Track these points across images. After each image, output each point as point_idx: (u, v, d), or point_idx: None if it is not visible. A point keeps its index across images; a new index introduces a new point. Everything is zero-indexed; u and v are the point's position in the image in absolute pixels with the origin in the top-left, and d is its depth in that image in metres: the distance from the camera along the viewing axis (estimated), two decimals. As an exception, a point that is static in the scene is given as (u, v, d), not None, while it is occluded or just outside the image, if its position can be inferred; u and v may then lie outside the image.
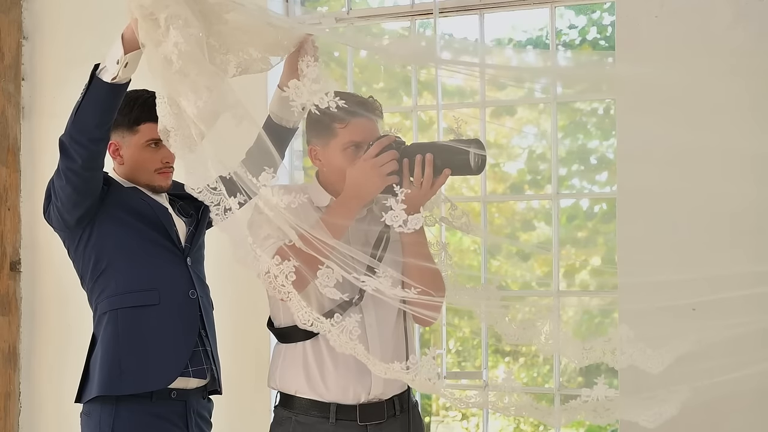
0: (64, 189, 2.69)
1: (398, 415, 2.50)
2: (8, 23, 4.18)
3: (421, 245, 2.40)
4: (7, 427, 4.10)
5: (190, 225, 2.94)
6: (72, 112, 2.57)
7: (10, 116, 4.17)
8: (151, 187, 2.90)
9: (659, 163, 3.32)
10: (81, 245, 2.82)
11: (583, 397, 2.21)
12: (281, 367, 2.49)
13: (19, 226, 4.17)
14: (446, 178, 2.32)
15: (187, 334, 2.83)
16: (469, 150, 2.30)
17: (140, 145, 2.86)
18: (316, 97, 2.25)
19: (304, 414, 2.44)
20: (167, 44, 2.17)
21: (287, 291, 2.22)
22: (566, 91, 3.75)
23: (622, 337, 2.18)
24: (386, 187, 2.32)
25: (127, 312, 2.79)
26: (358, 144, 2.35)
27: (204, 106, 2.17)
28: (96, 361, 2.80)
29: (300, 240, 2.21)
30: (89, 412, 2.81)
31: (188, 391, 2.84)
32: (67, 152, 2.62)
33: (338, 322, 2.21)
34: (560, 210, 3.85)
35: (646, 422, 2.16)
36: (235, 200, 2.19)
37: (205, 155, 2.20)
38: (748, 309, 2.87)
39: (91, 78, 2.49)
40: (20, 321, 4.17)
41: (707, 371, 2.65)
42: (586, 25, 6.04)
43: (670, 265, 3.30)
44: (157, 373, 2.77)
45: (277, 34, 2.42)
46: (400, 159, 2.31)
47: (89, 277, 2.85)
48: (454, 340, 6.82)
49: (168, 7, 2.17)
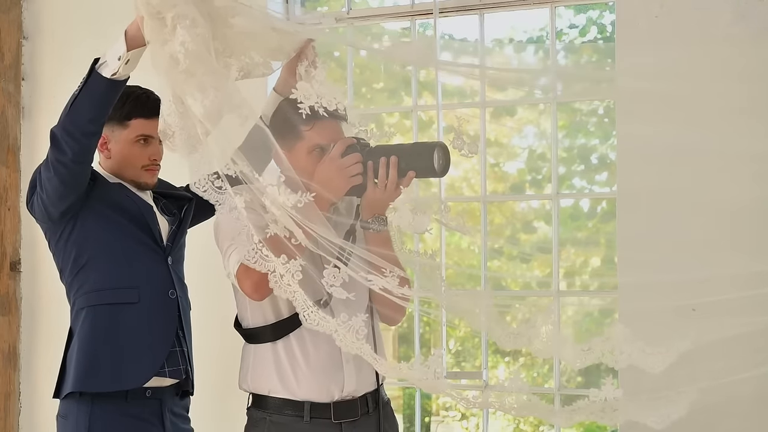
0: (51, 181, 2.66)
1: (371, 412, 2.50)
2: (8, 23, 4.18)
3: (387, 243, 2.41)
4: (7, 427, 4.10)
5: (172, 224, 2.92)
6: (67, 105, 2.56)
7: (10, 116, 4.17)
8: (137, 184, 2.88)
9: (659, 163, 3.32)
10: (62, 239, 2.80)
11: (591, 397, 2.20)
12: (252, 368, 2.48)
13: (19, 226, 4.17)
14: (410, 180, 2.33)
15: (165, 334, 2.81)
16: (434, 152, 2.31)
17: (129, 141, 2.84)
18: (325, 100, 2.25)
19: (278, 414, 2.43)
20: (174, 43, 2.17)
21: (293, 291, 2.21)
22: (566, 91, 3.75)
23: (619, 337, 2.17)
24: (352, 188, 2.34)
25: (106, 309, 2.77)
26: (324, 147, 2.36)
27: (211, 105, 2.17)
28: (72, 356, 2.78)
29: (307, 239, 2.21)
30: (65, 414, 2.79)
31: (163, 389, 2.82)
32: (58, 144, 2.59)
33: (345, 322, 2.21)
34: (560, 210, 3.85)
35: (653, 423, 2.15)
36: (240, 199, 2.19)
37: (210, 154, 2.20)
38: (749, 309, 2.87)
39: (90, 72, 2.48)
40: (20, 321, 4.18)
41: (711, 372, 2.65)
42: (586, 25, 6.04)
43: (670, 265, 3.30)
44: (133, 372, 2.74)
45: (280, 39, 2.43)
46: (364, 161, 2.33)
47: (69, 272, 2.83)
48: (454, 340, 6.82)
49: (175, 6, 2.17)
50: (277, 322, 2.43)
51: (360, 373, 2.46)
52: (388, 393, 2.62)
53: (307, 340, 2.42)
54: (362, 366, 2.43)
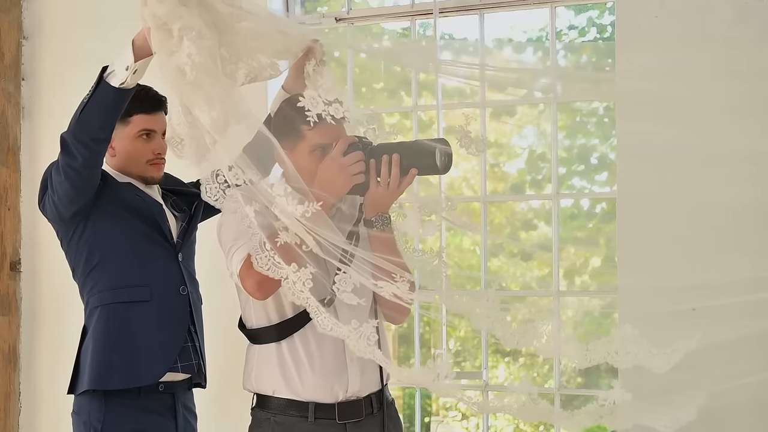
0: (62, 185, 2.71)
1: (375, 413, 2.50)
2: (8, 23, 4.18)
3: (391, 243, 2.41)
4: (7, 427, 4.10)
5: (182, 220, 2.96)
6: (76, 111, 2.59)
7: (10, 116, 4.17)
8: (144, 179, 2.92)
9: (659, 163, 3.32)
10: (75, 238, 2.84)
11: (600, 400, 2.20)
12: (256, 368, 2.48)
13: (19, 226, 4.17)
14: (413, 178, 2.33)
15: (177, 330, 2.85)
16: (436, 150, 2.31)
17: (132, 136, 2.88)
18: (332, 108, 2.26)
19: (282, 414, 2.44)
20: (180, 55, 2.17)
21: (306, 297, 2.22)
22: (566, 91, 3.75)
23: (625, 337, 2.17)
24: (354, 187, 2.33)
25: (119, 307, 2.81)
26: (325, 146, 2.35)
27: (218, 116, 2.19)
28: (87, 354, 2.82)
29: (317, 246, 2.21)
30: (78, 410, 2.83)
31: (175, 383, 2.86)
32: (68, 150, 2.64)
33: (356, 328, 2.21)
34: (560, 210, 3.85)
35: (662, 427, 2.15)
36: (251, 208, 2.21)
37: (219, 162, 2.22)
38: (751, 312, 2.87)
39: (99, 80, 2.50)
40: (20, 321, 4.18)
41: (714, 376, 2.65)
42: (586, 25, 6.04)
43: (670, 265, 3.30)
44: (147, 369, 2.78)
45: (286, 40, 2.44)
46: (367, 159, 2.33)
47: (81, 271, 2.86)
48: (454, 340, 6.82)
49: (182, 18, 2.18)
50: (281, 323, 2.44)
51: (364, 373, 2.46)
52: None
53: (311, 341, 2.42)
54: (366, 366, 2.43)
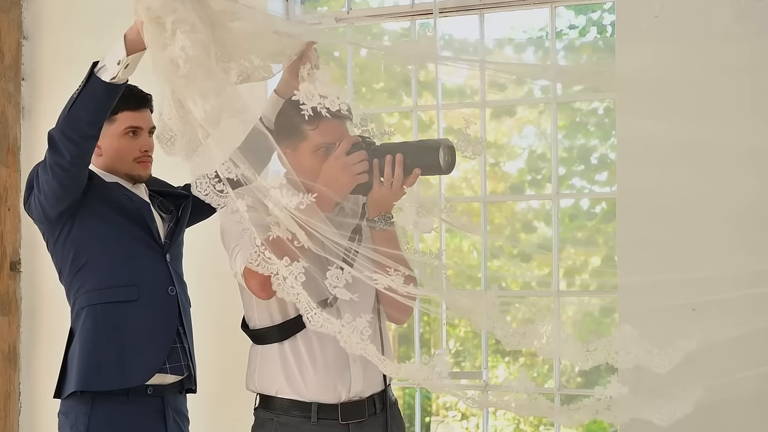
0: (49, 183, 2.66)
1: (378, 413, 2.50)
2: (8, 23, 4.18)
3: (393, 240, 2.41)
4: (7, 427, 4.10)
5: (170, 222, 2.93)
6: (65, 108, 2.55)
7: (10, 116, 4.17)
8: (131, 177, 2.88)
9: (659, 162, 3.32)
10: (61, 239, 2.81)
11: (596, 395, 2.20)
12: (259, 369, 2.48)
13: (19, 226, 4.17)
14: (416, 178, 2.33)
15: (166, 330, 2.82)
16: (439, 150, 2.30)
17: (118, 134, 2.85)
18: (328, 101, 2.25)
19: (285, 414, 2.44)
20: (174, 48, 2.16)
21: (297, 293, 2.20)
22: (566, 91, 3.75)
23: (625, 337, 2.17)
24: (357, 187, 2.33)
25: (106, 307, 2.77)
26: (329, 146, 2.35)
27: (211, 110, 2.17)
28: (74, 356, 2.78)
29: (310, 240, 2.21)
30: (66, 411, 2.79)
31: (165, 386, 2.82)
32: (56, 147, 2.60)
33: (349, 323, 2.19)
34: (560, 210, 3.85)
35: (659, 420, 2.15)
36: (243, 202, 2.19)
37: (211, 156, 2.20)
38: (751, 308, 2.87)
39: (89, 75, 2.48)
40: (20, 321, 4.17)
41: (714, 370, 2.64)
42: (586, 25, 6.04)
43: (670, 264, 3.30)
44: (135, 370, 2.75)
45: (281, 42, 2.42)
46: (370, 159, 2.32)
47: (68, 272, 2.83)
48: (454, 339, 6.82)
49: (175, 12, 2.17)
50: (284, 323, 2.43)
51: (367, 373, 2.46)
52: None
53: (314, 341, 2.42)
54: (369, 366, 2.42)
